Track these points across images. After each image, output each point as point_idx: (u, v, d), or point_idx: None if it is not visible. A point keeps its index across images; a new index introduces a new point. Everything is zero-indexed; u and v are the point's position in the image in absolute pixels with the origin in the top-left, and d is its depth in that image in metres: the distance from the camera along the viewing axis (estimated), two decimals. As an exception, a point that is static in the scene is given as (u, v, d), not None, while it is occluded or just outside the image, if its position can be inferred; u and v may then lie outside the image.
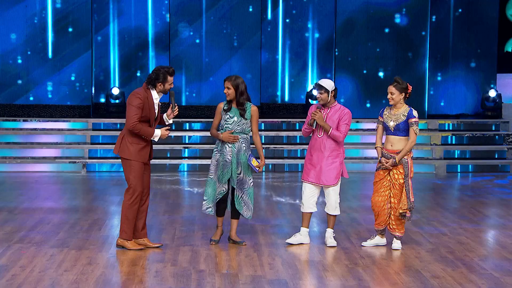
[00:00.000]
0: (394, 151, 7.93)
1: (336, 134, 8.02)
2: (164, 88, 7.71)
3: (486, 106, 16.83)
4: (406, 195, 7.89)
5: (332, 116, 8.07)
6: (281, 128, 15.96)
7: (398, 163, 7.88)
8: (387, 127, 7.97)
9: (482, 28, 17.37)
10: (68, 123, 15.65)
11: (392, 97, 7.91)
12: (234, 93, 7.86)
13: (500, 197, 12.11)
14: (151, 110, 7.68)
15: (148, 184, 7.86)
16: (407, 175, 7.91)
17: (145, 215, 7.89)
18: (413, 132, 7.86)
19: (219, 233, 8.13)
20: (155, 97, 7.72)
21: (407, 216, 7.92)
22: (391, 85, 7.92)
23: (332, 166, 8.06)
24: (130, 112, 7.60)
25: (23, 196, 11.56)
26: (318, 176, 8.09)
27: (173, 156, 15.19)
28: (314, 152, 8.14)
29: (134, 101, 7.61)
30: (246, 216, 8.00)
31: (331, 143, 8.08)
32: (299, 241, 8.21)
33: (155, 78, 7.67)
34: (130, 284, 6.61)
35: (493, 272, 7.14)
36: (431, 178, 14.34)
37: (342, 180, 8.34)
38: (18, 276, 6.75)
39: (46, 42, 16.13)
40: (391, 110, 7.99)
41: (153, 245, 7.90)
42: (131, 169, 7.66)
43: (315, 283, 6.78)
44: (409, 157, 7.92)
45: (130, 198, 7.68)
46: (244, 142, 7.94)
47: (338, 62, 16.67)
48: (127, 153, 7.66)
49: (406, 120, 7.86)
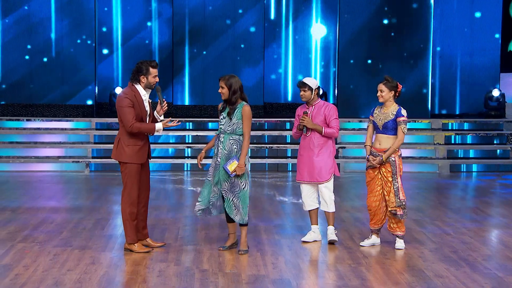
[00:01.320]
0: (382, 149, 7.97)
1: (329, 131, 8.08)
2: (148, 81, 7.56)
3: (490, 105, 16.82)
4: (394, 193, 7.91)
5: (317, 114, 8.12)
6: (284, 128, 15.94)
7: (385, 161, 7.91)
8: (377, 126, 8.01)
9: (485, 27, 17.37)
10: (71, 123, 15.66)
11: (382, 94, 7.96)
12: (228, 92, 7.64)
13: (503, 196, 12.09)
14: (141, 107, 7.57)
15: (147, 184, 7.81)
16: (396, 174, 7.93)
17: (145, 216, 7.85)
18: (401, 131, 7.90)
19: (231, 240, 7.87)
20: (142, 94, 7.59)
21: (399, 214, 7.93)
22: (381, 83, 7.98)
23: (323, 162, 8.11)
24: (123, 115, 7.48)
25: (26, 195, 11.57)
26: (311, 174, 8.14)
27: (176, 156, 15.20)
28: (304, 151, 8.19)
29: (123, 102, 7.50)
30: (236, 221, 7.68)
31: (319, 140, 8.11)
32: (314, 239, 8.28)
33: (138, 71, 7.55)
34: (133, 283, 6.61)
35: (496, 271, 7.13)
36: (434, 177, 14.32)
37: (344, 180, 8.34)
38: (22, 275, 6.76)
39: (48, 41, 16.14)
40: (381, 109, 8.04)
41: (156, 244, 7.90)
42: (127, 172, 7.59)
43: (318, 282, 6.78)
44: (396, 155, 7.95)
45: (127, 202, 7.64)
46: (235, 144, 7.64)
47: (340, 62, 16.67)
48: (123, 156, 7.59)
49: (395, 118, 7.90)
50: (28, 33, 16.03)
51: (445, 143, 15.83)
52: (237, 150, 7.63)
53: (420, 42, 16.50)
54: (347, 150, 15.29)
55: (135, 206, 7.66)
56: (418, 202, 11.18)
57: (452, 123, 16.32)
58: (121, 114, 7.51)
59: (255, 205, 10.60)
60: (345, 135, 15.60)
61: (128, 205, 7.63)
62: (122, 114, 7.51)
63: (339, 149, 15.15)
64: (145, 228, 7.89)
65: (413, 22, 16.50)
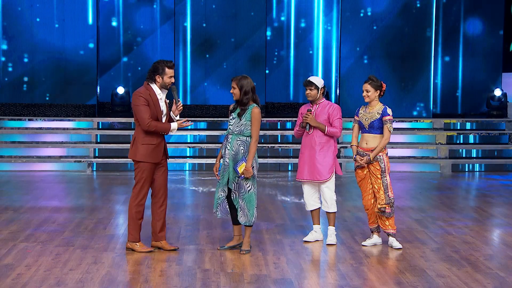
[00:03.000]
0: (369, 148, 7.99)
1: (332, 130, 8.09)
2: (164, 81, 7.59)
3: (492, 105, 16.81)
4: (384, 190, 7.93)
5: (321, 112, 8.13)
6: (285, 128, 15.94)
7: (372, 160, 7.93)
8: (362, 126, 8.03)
9: (487, 27, 17.37)
10: (73, 122, 15.67)
11: (368, 94, 7.99)
12: (239, 93, 7.66)
13: (505, 196, 12.08)
14: (157, 106, 7.59)
15: (164, 185, 7.76)
16: (384, 171, 7.95)
17: (163, 217, 7.78)
18: (387, 129, 7.93)
19: (234, 242, 7.85)
20: (158, 93, 7.61)
21: (387, 212, 7.94)
22: (366, 83, 8.02)
23: (324, 160, 8.11)
24: (139, 113, 7.50)
25: (28, 195, 11.58)
26: (312, 173, 8.13)
27: (177, 155, 15.21)
28: (306, 149, 8.19)
29: (138, 101, 7.53)
30: (241, 222, 7.68)
31: (321, 138, 8.12)
32: (315, 238, 8.29)
33: (153, 71, 7.57)
34: (135, 283, 6.61)
35: (498, 271, 7.12)
36: (436, 177, 14.32)
37: (346, 179, 8.34)
38: (24, 275, 6.76)
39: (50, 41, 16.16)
40: (366, 109, 8.06)
41: (169, 247, 7.78)
42: (139, 170, 7.62)
43: (320, 282, 6.78)
44: (383, 153, 7.98)
45: (135, 200, 7.65)
46: (242, 145, 7.65)
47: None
48: (137, 154, 7.59)
49: (381, 118, 7.93)
50: (30, 32, 16.03)
51: (447, 143, 15.83)
52: (244, 152, 7.64)
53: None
54: (349, 150, 15.28)
55: (142, 205, 7.66)
56: (420, 202, 11.18)
57: (454, 122, 16.31)
58: (137, 113, 7.53)
59: (256, 205, 10.58)
60: (347, 135, 15.59)
61: (135, 204, 7.63)
62: (137, 113, 7.53)
63: (341, 148, 15.15)
64: (163, 229, 7.79)
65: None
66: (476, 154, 15.67)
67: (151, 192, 7.79)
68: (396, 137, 15.52)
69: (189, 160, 15.06)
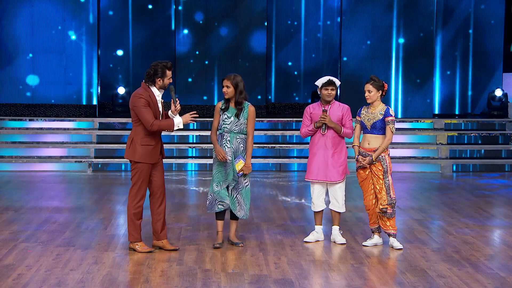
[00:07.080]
0: (371, 149, 7.99)
1: (347, 131, 8.14)
2: (164, 83, 7.60)
3: (492, 105, 16.80)
4: (386, 191, 7.92)
5: (335, 113, 8.14)
6: (286, 128, 15.93)
7: (375, 160, 7.93)
8: (364, 126, 8.03)
9: (488, 28, 17.37)
10: (74, 123, 15.67)
11: (370, 95, 7.99)
12: (233, 92, 7.75)
13: (506, 196, 12.08)
14: (156, 107, 7.60)
15: (162, 184, 7.77)
16: (386, 172, 7.96)
17: (163, 217, 7.79)
18: (389, 130, 7.94)
19: (220, 238, 8.01)
20: (156, 94, 7.62)
21: (389, 213, 7.94)
22: (368, 83, 8.00)
23: (339, 162, 8.14)
24: (141, 115, 7.49)
25: (29, 195, 11.58)
26: (325, 173, 8.12)
27: (179, 156, 15.20)
28: (319, 150, 8.17)
29: (139, 103, 7.52)
30: (239, 216, 7.90)
31: (335, 139, 8.13)
32: (316, 239, 8.29)
33: (154, 73, 7.57)
34: (136, 283, 6.61)
35: (499, 271, 7.12)
36: (437, 177, 14.31)
37: (347, 179, 8.37)
38: (24, 275, 6.76)
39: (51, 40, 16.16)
40: (368, 109, 8.06)
41: (170, 248, 7.79)
42: (137, 171, 7.62)
43: (320, 282, 6.77)
44: (386, 154, 7.97)
45: (133, 200, 7.65)
46: (242, 143, 7.84)
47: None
48: (136, 155, 7.59)
49: (383, 118, 7.94)
50: (32, 32, 16.03)
51: (447, 143, 15.82)
52: (243, 149, 7.82)
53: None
54: (350, 150, 15.24)
55: (140, 206, 7.66)
56: (421, 202, 11.18)
57: (454, 123, 16.31)
58: (139, 114, 7.52)
59: (257, 205, 10.60)
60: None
61: (133, 205, 7.63)
62: (140, 114, 7.51)
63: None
64: (163, 229, 7.80)
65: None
66: (477, 154, 15.66)
67: (149, 193, 7.80)
68: (396, 137, 15.51)
69: (190, 160, 15.06)
